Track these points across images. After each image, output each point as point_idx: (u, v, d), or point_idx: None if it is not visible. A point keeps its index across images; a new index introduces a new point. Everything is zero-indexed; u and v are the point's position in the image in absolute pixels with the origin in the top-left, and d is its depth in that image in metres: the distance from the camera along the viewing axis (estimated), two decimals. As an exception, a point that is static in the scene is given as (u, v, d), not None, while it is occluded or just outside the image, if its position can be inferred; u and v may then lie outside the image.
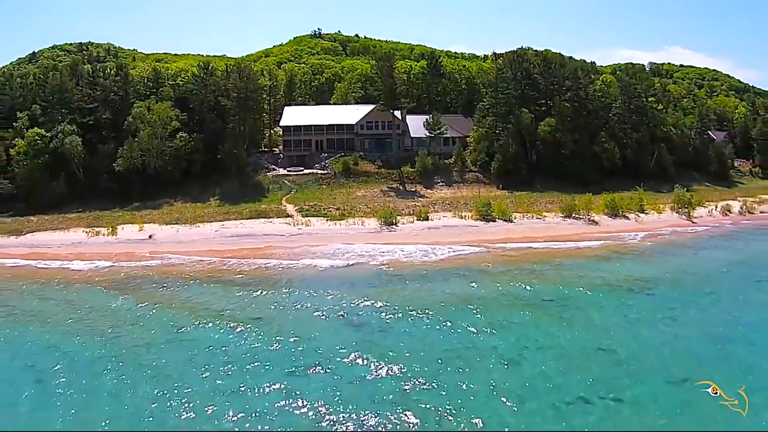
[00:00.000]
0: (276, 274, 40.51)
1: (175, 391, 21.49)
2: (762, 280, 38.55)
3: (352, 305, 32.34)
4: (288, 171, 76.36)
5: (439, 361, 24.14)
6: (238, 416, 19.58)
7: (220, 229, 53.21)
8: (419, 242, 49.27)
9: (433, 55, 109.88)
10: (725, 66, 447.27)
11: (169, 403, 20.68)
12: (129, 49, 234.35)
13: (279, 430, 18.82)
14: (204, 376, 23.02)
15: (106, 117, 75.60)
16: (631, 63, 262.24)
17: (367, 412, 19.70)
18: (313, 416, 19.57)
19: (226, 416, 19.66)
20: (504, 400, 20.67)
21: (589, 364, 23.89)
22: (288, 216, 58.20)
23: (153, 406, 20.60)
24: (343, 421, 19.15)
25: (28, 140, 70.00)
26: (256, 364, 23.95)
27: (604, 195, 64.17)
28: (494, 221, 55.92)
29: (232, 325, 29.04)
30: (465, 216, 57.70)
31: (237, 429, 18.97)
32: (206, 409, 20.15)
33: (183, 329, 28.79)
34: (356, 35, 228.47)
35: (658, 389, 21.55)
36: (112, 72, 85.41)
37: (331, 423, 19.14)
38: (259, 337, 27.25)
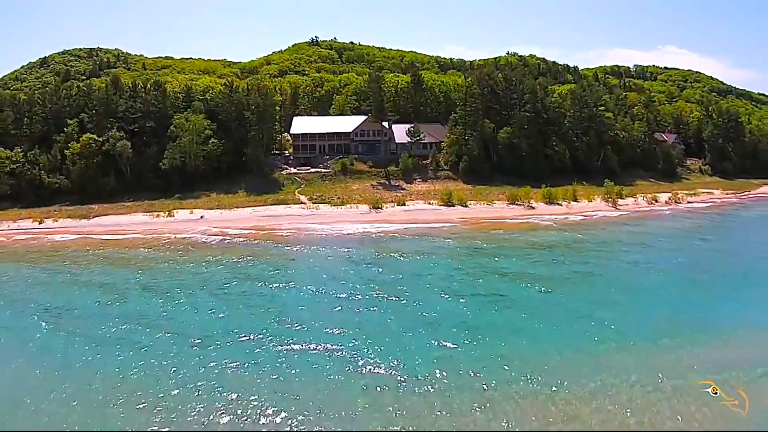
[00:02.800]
0: (304, 236, 60.14)
1: (281, 276, 42.78)
2: (643, 245, 55.53)
3: (354, 251, 52.04)
4: (298, 170, 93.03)
5: (407, 278, 42.82)
6: (302, 294, 38.62)
7: (253, 212, 71.15)
8: (399, 219, 67.85)
9: (417, 71, 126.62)
10: (721, 67, 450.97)
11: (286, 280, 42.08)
12: (137, 55, 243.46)
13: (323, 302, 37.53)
14: (285, 278, 42.72)
15: (150, 125, 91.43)
16: (617, 65, 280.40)
17: (362, 296, 38.40)
18: (337, 295, 38.36)
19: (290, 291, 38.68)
20: (443, 286, 39.92)
21: (493, 280, 42.26)
22: (302, 203, 76.38)
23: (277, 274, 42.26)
24: (349, 297, 37.78)
25: (83, 143, 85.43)
26: (305, 275, 43.96)
27: (543, 187, 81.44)
28: (453, 206, 74.17)
29: (290, 256, 49.58)
30: (432, 203, 76.08)
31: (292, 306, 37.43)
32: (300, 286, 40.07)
33: (266, 253, 50.86)
34: (351, 42, 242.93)
35: (524, 292, 39.00)
36: (151, 87, 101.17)
37: (343, 297, 37.72)
38: (305, 264, 47.86)
